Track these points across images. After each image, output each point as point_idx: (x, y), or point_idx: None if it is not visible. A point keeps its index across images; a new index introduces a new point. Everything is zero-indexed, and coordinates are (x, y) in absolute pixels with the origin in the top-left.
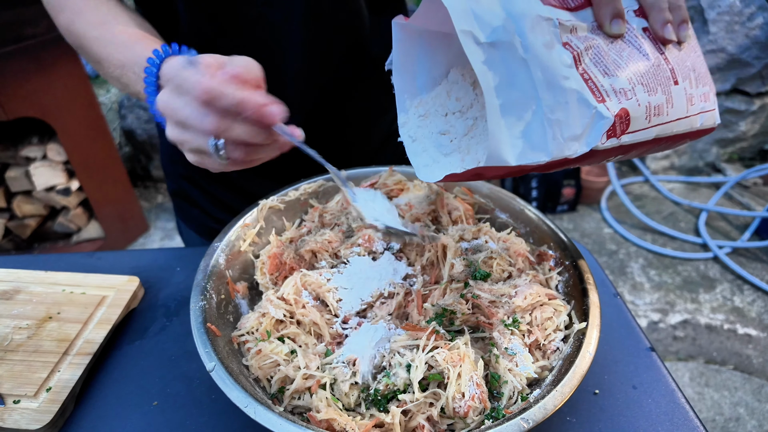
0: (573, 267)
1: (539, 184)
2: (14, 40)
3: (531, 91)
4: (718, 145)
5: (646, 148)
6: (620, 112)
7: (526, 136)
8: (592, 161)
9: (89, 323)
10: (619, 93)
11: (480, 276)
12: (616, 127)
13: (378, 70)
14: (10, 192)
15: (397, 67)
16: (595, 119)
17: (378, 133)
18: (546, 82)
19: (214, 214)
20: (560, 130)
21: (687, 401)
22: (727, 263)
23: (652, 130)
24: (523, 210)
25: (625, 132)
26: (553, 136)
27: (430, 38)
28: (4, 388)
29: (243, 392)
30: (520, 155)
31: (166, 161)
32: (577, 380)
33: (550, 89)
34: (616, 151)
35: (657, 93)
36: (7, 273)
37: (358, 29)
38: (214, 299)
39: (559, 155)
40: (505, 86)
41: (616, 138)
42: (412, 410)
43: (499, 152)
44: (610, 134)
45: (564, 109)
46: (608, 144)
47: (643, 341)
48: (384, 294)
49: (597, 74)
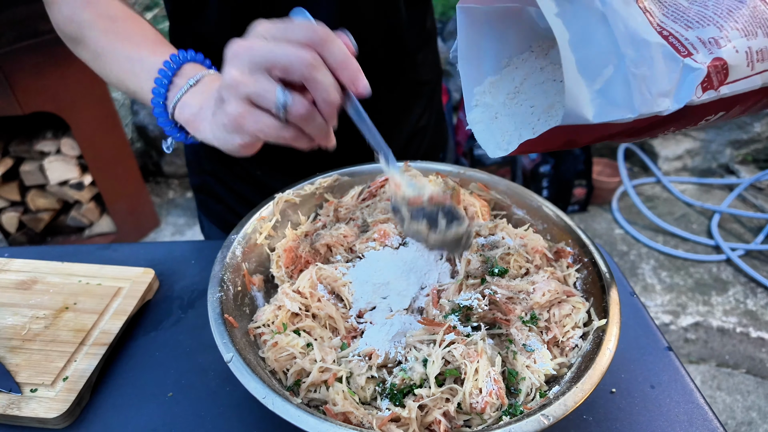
0: (592, 264)
1: (550, 184)
2: (30, 36)
3: (611, 46)
4: (731, 147)
5: (753, 103)
6: (714, 63)
7: (606, 93)
8: (689, 122)
9: (105, 314)
10: (708, 43)
11: (497, 272)
12: (711, 78)
13: (407, 67)
14: (25, 186)
15: (463, 55)
16: (684, 72)
17: (402, 131)
18: (629, 36)
19: (237, 209)
20: (647, 86)
21: (706, 402)
22: (740, 266)
23: (757, 78)
24: (541, 206)
25: (723, 83)
26: (640, 92)
27: (497, 19)
28: (21, 376)
29: (261, 384)
30: (600, 113)
31: (191, 156)
32: (597, 377)
33: (634, 44)
34: (717, 106)
35: (757, 36)
36: (24, 263)
37: (394, 26)
38: (231, 291)
39: (647, 111)
40: (582, 41)
41: (713, 90)
42: (428, 405)
43: (576, 109)
44: (705, 86)
45: (649, 64)
46: (705, 97)
47: (661, 341)
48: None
49: (678, 29)
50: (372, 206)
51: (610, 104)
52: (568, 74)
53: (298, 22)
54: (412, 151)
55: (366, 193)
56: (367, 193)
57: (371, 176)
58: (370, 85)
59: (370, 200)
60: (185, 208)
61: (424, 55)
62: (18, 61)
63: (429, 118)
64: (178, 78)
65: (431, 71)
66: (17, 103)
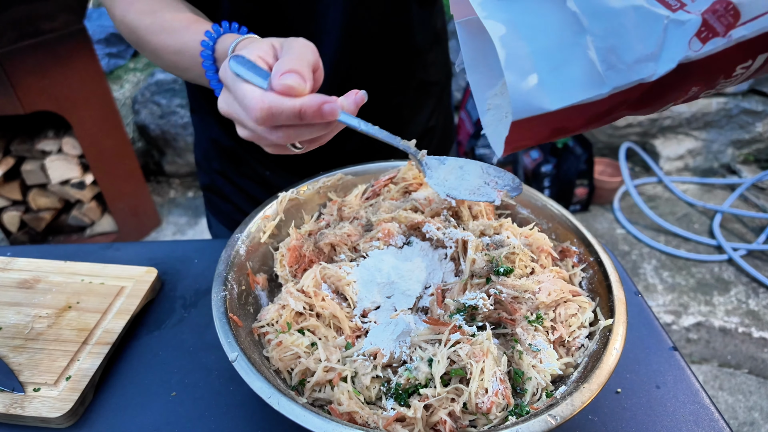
0: (597, 264)
1: (552, 184)
2: (32, 35)
3: (565, 25)
4: (733, 146)
5: None
6: (713, 7)
7: (561, 75)
8: (712, 78)
9: (108, 313)
10: None
11: (502, 271)
12: (711, 25)
13: (417, 67)
14: (26, 185)
15: (468, 64)
16: (669, 29)
17: (412, 131)
18: (591, 9)
19: (244, 208)
20: (617, 56)
21: (712, 402)
22: (742, 266)
23: None
24: (546, 205)
25: (734, 26)
26: (608, 64)
27: None
28: (24, 375)
29: (266, 383)
30: (558, 98)
31: (200, 156)
32: (604, 377)
33: (596, 16)
34: (733, 55)
35: None
36: (27, 262)
37: (403, 23)
38: (235, 290)
39: (624, 82)
40: (529, 31)
41: (720, 37)
42: (433, 405)
43: (527, 101)
44: (705, 36)
45: (618, 33)
46: (710, 47)
47: (666, 340)
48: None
49: None
50: (376, 205)
51: (571, 86)
52: (506, 67)
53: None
54: (422, 149)
55: (370, 192)
56: (370, 192)
57: (375, 175)
58: (381, 85)
59: (374, 199)
60: (186, 207)
61: (434, 55)
62: (19, 61)
63: (438, 118)
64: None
65: (441, 72)
66: (19, 102)
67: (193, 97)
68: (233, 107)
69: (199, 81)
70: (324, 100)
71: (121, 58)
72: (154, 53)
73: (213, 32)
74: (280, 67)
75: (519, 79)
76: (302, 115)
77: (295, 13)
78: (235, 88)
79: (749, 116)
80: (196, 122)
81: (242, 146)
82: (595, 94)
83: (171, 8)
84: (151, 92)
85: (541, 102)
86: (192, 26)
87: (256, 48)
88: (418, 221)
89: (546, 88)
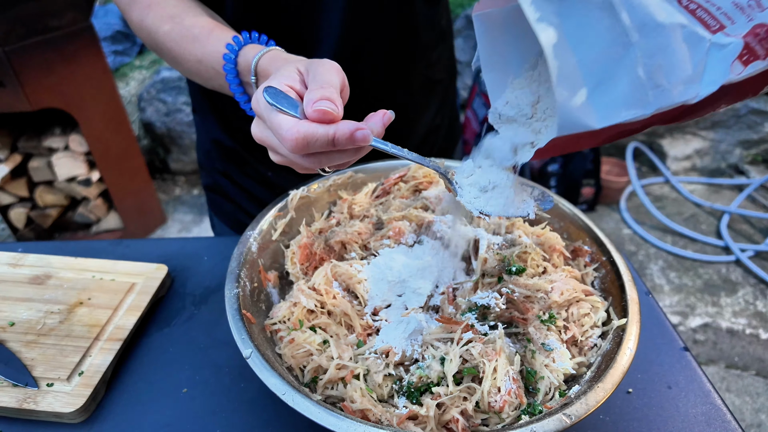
0: (609, 263)
1: (558, 183)
2: (39, 32)
3: (615, 39)
4: (741, 147)
5: None
6: (755, 30)
7: (609, 94)
8: (731, 101)
9: (119, 309)
10: (747, 8)
11: (514, 271)
12: (753, 48)
13: (422, 65)
14: (33, 182)
15: (485, 63)
16: (712, 52)
17: (418, 130)
18: (639, 22)
19: (247, 208)
20: (664, 76)
21: (724, 403)
22: (750, 267)
23: None
24: (557, 204)
25: None
26: (655, 84)
27: (517, 18)
28: (37, 371)
29: (281, 380)
30: (605, 117)
31: (203, 157)
32: (618, 376)
33: (645, 30)
34: (766, 75)
35: None
36: (38, 258)
37: (408, 20)
38: (248, 287)
39: (667, 104)
40: (578, 40)
41: (761, 60)
42: (446, 403)
43: (574, 119)
44: (747, 59)
45: (665, 52)
46: (750, 70)
47: (677, 341)
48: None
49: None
50: (386, 204)
51: (617, 105)
52: (558, 82)
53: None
54: (426, 149)
55: (380, 190)
56: (381, 191)
57: (385, 173)
58: (385, 82)
59: (384, 197)
60: (192, 205)
61: (439, 54)
62: (27, 58)
63: (443, 116)
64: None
65: (445, 70)
66: (26, 99)
67: (194, 97)
68: (267, 135)
69: (222, 91)
70: (356, 127)
71: (127, 55)
72: (175, 61)
73: (234, 44)
74: (311, 96)
75: (569, 95)
76: (335, 143)
77: (297, 9)
78: (270, 118)
79: (757, 116)
80: (198, 122)
81: (244, 147)
82: (639, 114)
83: (189, 13)
84: (156, 90)
85: (587, 120)
86: (213, 34)
87: (284, 77)
88: (428, 220)
89: (593, 105)
